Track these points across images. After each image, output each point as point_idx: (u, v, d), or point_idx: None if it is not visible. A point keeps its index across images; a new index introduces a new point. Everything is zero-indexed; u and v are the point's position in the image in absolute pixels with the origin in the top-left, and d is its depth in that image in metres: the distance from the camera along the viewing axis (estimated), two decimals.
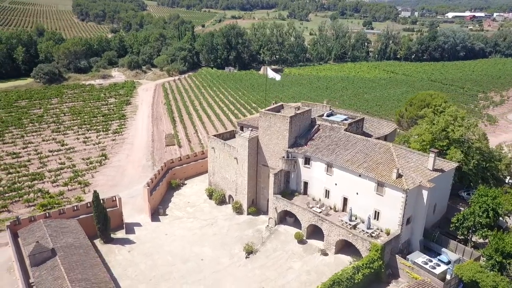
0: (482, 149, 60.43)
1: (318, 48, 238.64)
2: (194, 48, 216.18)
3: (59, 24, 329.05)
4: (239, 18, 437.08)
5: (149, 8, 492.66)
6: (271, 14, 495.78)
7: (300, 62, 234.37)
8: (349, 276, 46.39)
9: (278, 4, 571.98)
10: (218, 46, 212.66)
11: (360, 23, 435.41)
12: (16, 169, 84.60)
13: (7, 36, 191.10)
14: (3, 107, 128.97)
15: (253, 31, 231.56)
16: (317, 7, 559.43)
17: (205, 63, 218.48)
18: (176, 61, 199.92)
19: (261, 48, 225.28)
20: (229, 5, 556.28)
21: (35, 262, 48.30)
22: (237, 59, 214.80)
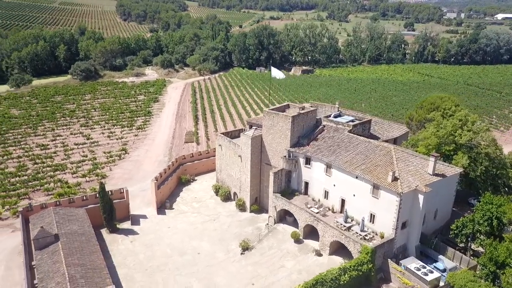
0: (491, 155, 58.12)
1: (352, 50, 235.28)
2: (226, 48, 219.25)
3: (102, 23, 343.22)
4: (278, 19, 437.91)
5: (190, 9, 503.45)
6: (310, 15, 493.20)
7: (332, 64, 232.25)
8: (334, 277, 46.23)
9: (318, 5, 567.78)
10: (250, 47, 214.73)
11: (401, 25, 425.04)
12: (42, 160, 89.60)
13: (51, 35, 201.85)
14: (40, 102, 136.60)
15: (285, 32, 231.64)
16: (357, 8, 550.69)
17: (237, 63, 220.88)
18: (208, 60, 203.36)
19: (293, 49, 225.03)
20: (269, 6, 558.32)
21: (38, 246, 51.46)
22: (268, 60, 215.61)
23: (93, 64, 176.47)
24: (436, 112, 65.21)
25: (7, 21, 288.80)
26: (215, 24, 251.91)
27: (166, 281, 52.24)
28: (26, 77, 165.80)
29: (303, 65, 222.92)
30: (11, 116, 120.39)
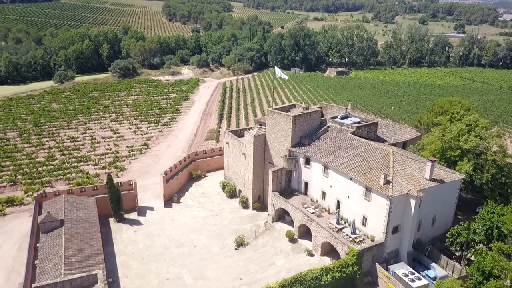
0: (498, 163, 55.55)
1: (391, 52, 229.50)
2: (262, 49, 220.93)
3: (148, 23, 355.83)
4: (321, 20, 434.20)
5: (235, 9, 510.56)
6: (355, 16, 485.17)
7: (370, 66, 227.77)
8: (315, 277, 46.30)
9: (365, 6, 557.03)
10: (286, 47, 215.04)
11: (451, 26, 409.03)
12: (69, 152, 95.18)
13: (95, 34, 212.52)
14: (79, 97, 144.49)
15: (323, 33, 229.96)
16: (405, 9, 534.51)
17: (273, 64, 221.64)
18: (243, 61, 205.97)
19: (330, 50, 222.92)
20: (314, 7, 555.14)
21: (44, 230, 55.24)
22: (303, 61, 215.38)
23: (131, 62, 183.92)
24: (444, 116, 63.12)
25: (60, 21, 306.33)
26: (251, 25, 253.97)
27: (159, 270, 54.41)
28: (70, 74, 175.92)
29: (339, 67, 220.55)
30: (50, 110, 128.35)
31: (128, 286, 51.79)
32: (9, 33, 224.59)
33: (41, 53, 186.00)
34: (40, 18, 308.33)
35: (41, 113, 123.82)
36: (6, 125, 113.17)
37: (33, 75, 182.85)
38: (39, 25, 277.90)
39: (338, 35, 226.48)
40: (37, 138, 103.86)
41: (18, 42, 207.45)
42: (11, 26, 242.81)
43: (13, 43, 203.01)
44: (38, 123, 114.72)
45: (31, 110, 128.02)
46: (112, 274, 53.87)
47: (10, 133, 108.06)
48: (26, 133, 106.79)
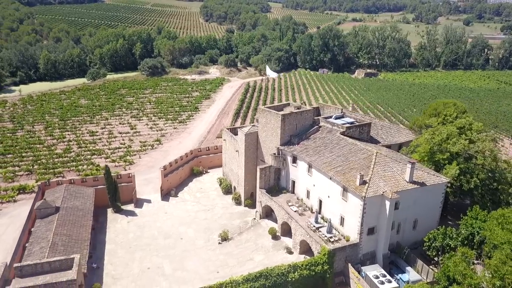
0: (487, 167, 53.49)
1: (424, 54, 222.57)
2: (291, 49, 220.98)
3: (185, 23, 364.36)
4: (360, 21, 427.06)
5: (273, 10, 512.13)
6: (396, 17, 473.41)
7: (402, 68, 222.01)
8: (281, 273, 46.76)
9: (407, 6, 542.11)
10: (315, 48, 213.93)
11: (497, 28, 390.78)
12: (86, 145, 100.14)
13: (130, 34, 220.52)
14: (106, 94, 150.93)
15: (353, 34, 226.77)
16: (450, 10, 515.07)
17: (301, 64, 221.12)
18: (270, 61, 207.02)
19: (360, 51, 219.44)
20: (353, 7, 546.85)
21: (40, 215, 58.98)
22: (332, 61, 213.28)
23: (160, 61, 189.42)
24: (434, 118, 61.42)
25: (100, 21, 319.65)
26: (284, 25, 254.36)
27: (142, 259, 56.72)
28: (102, 72, 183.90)
29: (369, 68, 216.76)
30: (78, 105, 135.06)
31: (110, 273, 54.36)
32: (51, 32, 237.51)
33: (78, 52, 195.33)
34: (83, 19, 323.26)
35: (68, 108, 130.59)
36: (36, 119, 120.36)
37: (70, 72, 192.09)
38: (80, 25, 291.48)
39: (369, 36, 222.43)
40: (60, 131, 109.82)
41: (58, 41, 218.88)
42: (54, 26, 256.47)
43: (53, 42, 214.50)
44: (64, 117, 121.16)
45: (60, 105, 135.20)
46: (98, 260, 56.81)
47: (38, 126, 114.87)
48: (51, 127, 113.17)
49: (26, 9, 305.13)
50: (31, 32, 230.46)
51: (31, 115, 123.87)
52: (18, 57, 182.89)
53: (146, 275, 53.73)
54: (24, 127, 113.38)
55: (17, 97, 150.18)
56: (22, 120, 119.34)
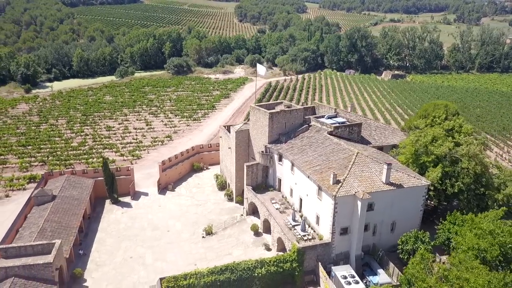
0: (471, 172, 51.62)
1: (457, 55, 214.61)
2: (318, 50, 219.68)
3: (219, 24, 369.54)
4: (398, 22, 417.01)
5: (309, 10, 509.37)
6: (436, 17, 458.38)
7: (433, 70, 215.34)
8: (247, 267, 47.39)
9: (449, 7, 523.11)
10: (342, 48, 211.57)
11: None
12: (101, 139, 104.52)
13: (160, 33, 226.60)
14: (130, 91, 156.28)
15: (382, 34, 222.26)
16: (496, 10, 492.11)
17: (329, 65, 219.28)
18: (296, 61, 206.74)
19: (389, 52, 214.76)
20: (392, 8, 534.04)
21: (37, 202, 62.59)
22: (359, 62, 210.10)
23: (186, 60, 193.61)
24: (424, 119, 59.81)
25: (136, 21, 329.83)
26: (316, 26, 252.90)
27: (127, 249, 58.99)
28: (130, 70, 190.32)
29: (398, 70, 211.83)
30: (102, 102, 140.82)
31: (95, 259, 56.97)
32: (86, 31, 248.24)
33: (109, 50, 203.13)
34: (121, 19, 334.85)
35: (92, 104, 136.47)
36: (60, 113, 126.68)
37: (101, 70, 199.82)
38: (117, 25, 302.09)
39: (399, 36, 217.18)
40: (80, 125, 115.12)
41: (92, 40, 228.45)
42: (91, 25, 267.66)
43: (87, 41, 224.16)
44: (87, 112, 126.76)
45: (85, 101, 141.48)
46: (87, 247, 59.63)
47: (61, 120, 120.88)
48: (72, 121, 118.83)
49: (67, 10, 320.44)
50: (68, 31, 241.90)
51: (57, 110, 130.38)
52: (53, 55, 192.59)
53: (128, 263, 55.90)
54: (49, 121, 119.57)
55: (48, 92, 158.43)
56: (48, 114, 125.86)
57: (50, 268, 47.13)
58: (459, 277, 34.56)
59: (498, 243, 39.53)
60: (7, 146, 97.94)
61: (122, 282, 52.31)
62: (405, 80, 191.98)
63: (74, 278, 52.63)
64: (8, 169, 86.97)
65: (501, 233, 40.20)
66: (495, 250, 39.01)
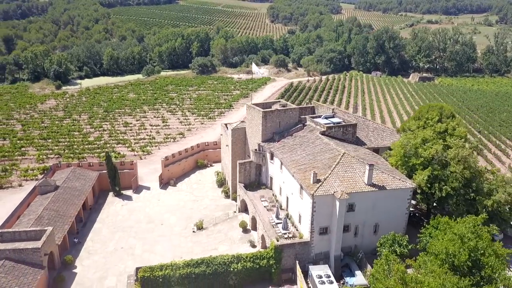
0: (459, 176, 49.99)
1: (491, 58, 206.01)
2: (345, 51, 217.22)
3: (251, 24, 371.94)
4: (436, 23, 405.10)
5: (343, 11, 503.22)
6: (477, 18, 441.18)
7: (465, 73, 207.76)
8: (223, 262, 48.14)
9: (492, 7, 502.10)
10: (370, 50, 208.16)
11: None
12: (117, 134, 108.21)
13: (188, 33, 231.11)
14: (154, 89, 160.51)
15: (412, 35, 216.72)
16: None
17: (355, 66, 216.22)
18: (321, 62, 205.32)
19: (418, 54, 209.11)
20: (431, 9, 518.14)
21: (41, 192, 65.92)
22: (386, 64, 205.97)
23: (211, 60, 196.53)
24: (414, 121, 58.31)
25: (169, 21, 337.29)
26: (342, 27, 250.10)
27: (120, 239, 61.16)
28: (156, 69, 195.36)
29: (427, 72, 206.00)
30: (124, 99, 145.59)
31: (88, 248, 59.46)
32: (117, 31, 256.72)
33: (138, 49, 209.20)
34: (154, 19, 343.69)
35: (115, 101, 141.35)
36: (84, 109, 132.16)
37: (130, 68, 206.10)
38: (149, 25, 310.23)
39: (430, 38, 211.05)
40: (99, 121, 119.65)
41: (123, 39, 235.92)
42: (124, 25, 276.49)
43: (118, 40, 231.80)
44: (109, 109, 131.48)
45: (110, 98, 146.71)
46: (83, 236, 62.30)
47: (84, 115, 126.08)
48: (94, 117, 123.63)
49: (103, 10, 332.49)
50: (102, 31, 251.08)
51: (82, 106, 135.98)
52: (85, 53, 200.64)
53: (118, 253, 57.98)
54: (72, 116, 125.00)
55: (77, 89, 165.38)
56: (73, 110, 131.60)
57: (38, 253, 49.71)
58: (415, 279, 33.90)
59: (468, 248, 38.34)
60: (29, 139, 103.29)
61: (109, 270, 54.33)
62: (433, 83, 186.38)
63: (65, 264, 55.15)
64: (26, 160, 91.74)
65: (473, 238, 38.94)
66: (463, 255, 37.85)
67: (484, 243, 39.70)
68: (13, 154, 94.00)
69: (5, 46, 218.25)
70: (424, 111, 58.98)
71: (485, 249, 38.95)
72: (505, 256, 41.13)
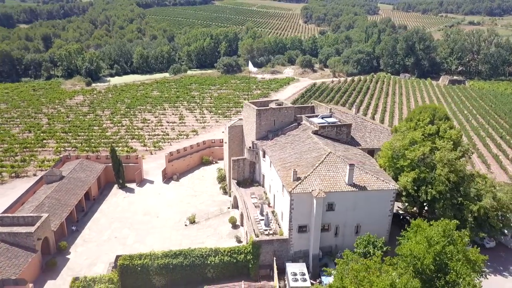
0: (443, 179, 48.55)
1: None
2: (374, 52, 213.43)
3: (284, 25, 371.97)
4: (478, 24, 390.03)
5: (381, 12, 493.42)
6: None
7: (501, 76, 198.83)
8: (201, 254, 49.20)
9: None
10: (399, 51, 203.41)
11: None
12: (133, 130, 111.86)
13: (217, 33, 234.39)
14: (178, 87, 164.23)
15: (445, 37, 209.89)
16: None
17: (384, 68, 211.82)
18: (348, 63, 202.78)
19: (449, 56, 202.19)
20: (474, 9, 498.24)
21: (47, 181, 69.50)
22: (416, 66, 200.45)
23: (236, 60, 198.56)
24: (404, 123, 56.95)
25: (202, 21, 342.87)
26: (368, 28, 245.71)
27: (115, 229, 63.61)
28: (183, 68, 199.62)
29: (460, 75, 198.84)
30: (148, 96, 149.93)
31: (85, 236, 62.24)
32: (148, 30, 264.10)
33: (167, 49, 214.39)
34: (188, 19, 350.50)
35: (138, 98, 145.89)
36: (108, 105, 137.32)
37: (159, 67, 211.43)
38: (182, 25, 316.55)
39: (463, 39, 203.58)
40: (119, 117, 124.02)
41: (154, 39, 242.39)
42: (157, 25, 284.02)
43: (149, 39, 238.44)
44: (131, 106, 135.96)
45: (134, 95, 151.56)
46: (81, 225, 65.20)
47: (106, 111, 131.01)
48: (115, 113, 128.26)
49: (139, 10, 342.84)
50: (134, 30, 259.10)
51: (106, 102, 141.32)
52: (116, 52, 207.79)
53: (111, 242, 60.35)
54: (96, 111, 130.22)
55: (105, 86, 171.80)
56: (97, 106, 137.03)
57: (31, 238, 52.70)
58: (368, 279, 33.55)
59: (434, 251, 37.44)
60: (51, 132, 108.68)
61: (99, 258, 56.67)
62: (463, 86, 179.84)
63: (60, 250, 58.02)
64: (45, 151, 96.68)
65: (441, 242, 37.96)
66: (428, 259, 37.01)
67: (455, 248, 38.64)
68: (35, 145, 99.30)
69: (44, 44, 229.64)
70: (417, 113, 57.62)
71: (453, 254, 37.90)
72: (479, 263, 39.93)
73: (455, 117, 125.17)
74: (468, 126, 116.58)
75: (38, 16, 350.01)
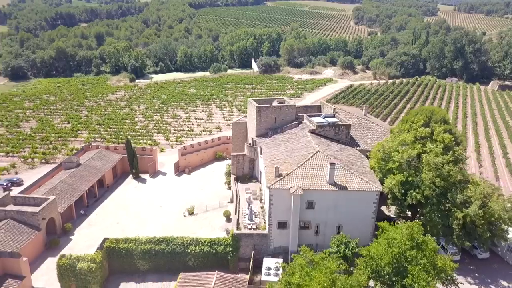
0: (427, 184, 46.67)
1: None
2: (421, 54, 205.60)
3: (334, 25, 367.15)
4: None
5: (440, 13, 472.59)
6: None
7: None
8: (182, 243, 51.01)
9: None
10: (447, 54, 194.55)
11: None
12: (161, 125, 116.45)
13: (260, 33, 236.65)
14: (214, 86, 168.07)
15: (499, 40, 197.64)
16: None
17: (430, 71, 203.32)
18: (391, 65, 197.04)
19: (503, 60, 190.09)
20: None
21: (65, 167, 74.76)
22: (464, 70, 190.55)
23: (275, 60, 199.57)
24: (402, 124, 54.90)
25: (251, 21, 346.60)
26: (419, 29, 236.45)
27: (118, 215, 67.20)
28: (223, 67, 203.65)
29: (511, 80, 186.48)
30: (184, 93, 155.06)
31: (91, 220, 66.38)
32: (194, 30, 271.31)
33: (210, 48, 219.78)
34: (238, 19, 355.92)
35: (174, 95, 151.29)
36: (145, 101, 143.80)
37: (202, 66, 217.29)
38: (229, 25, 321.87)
39: None
40: (152, 112, 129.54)
41: (198, 38, 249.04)
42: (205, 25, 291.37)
43: (193, 39, 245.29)
44: (165, 102, 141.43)
45: (170, 92, 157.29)
46: (90, 210, 69.50)
47: (142, 106, 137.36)
48: (149, 108, 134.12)
49: (190, 10, 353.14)
50: (182, 29, 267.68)
51: (143, 98, 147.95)
52: (162, 50, 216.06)
53: (112, 227, 63.93)
54: (132, 106, 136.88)
55: (147, 82, 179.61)
56: (134, 101, 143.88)
57: (36, 217, 57.27)
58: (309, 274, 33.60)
59: (391, 253, 36.60)
60: (87, 124, 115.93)
61: (99, 240, 59.83)
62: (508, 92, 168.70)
63: (65, 231, 62.40)
64: (77, 141, 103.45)
65: (402, 244, 37.00)
66: (384, 260, 36.24)
67: (419, 253, 37.52)
68: (69, 135, 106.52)
69: (97, 42, 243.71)
70: (413, 115, 55.67)
71: (414, 258, 36.85)
72: (447, 270, 38.53)
73: (494, 123, 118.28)
74: (506, 134, 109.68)
75: (98, 15, 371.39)
